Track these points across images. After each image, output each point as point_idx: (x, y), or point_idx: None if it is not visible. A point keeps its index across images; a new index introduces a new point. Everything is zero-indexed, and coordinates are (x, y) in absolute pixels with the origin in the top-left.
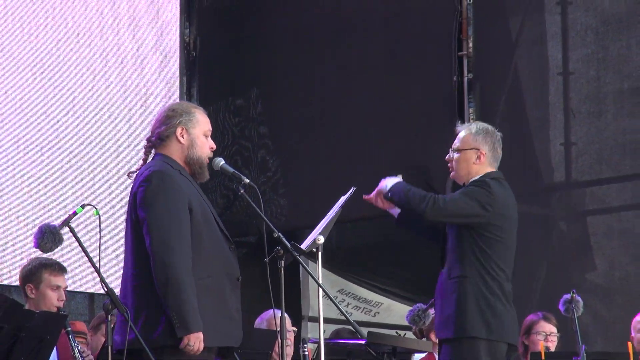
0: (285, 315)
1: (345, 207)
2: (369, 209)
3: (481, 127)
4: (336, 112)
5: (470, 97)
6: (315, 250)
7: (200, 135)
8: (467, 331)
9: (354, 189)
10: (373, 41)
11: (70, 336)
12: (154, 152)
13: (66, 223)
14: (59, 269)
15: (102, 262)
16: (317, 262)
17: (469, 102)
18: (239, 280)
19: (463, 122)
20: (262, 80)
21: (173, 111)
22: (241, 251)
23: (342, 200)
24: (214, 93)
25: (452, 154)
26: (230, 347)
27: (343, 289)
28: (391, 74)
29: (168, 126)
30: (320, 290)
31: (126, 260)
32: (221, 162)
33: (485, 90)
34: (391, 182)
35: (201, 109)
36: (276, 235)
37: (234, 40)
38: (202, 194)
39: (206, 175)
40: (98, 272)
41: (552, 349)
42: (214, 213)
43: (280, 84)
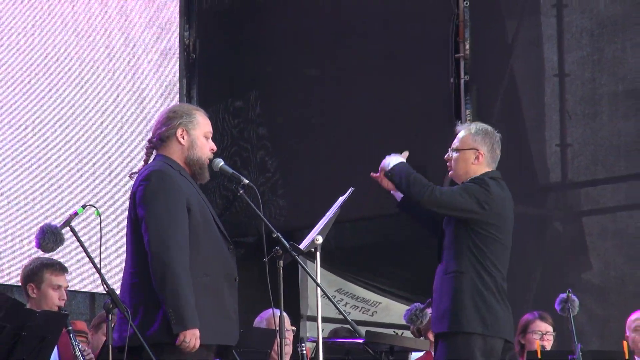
0: (285, 314)
1: (343, 208)
2: (367, 209)
3: (480, 127)
4: (335, 113)
5: (467, 98)
6: (313, 250)
7: (200, 136)
8: (462, 326)
9: (352, 189)
10: (371, 43)
11: (71, 335)
12: (155, 153)
13: (67, 223)
14: (60, 268)
15: (102, 262)
16: (316, 262)
17: (466, 104)
18: (237, 281)
19: (462, 123)
20: (261, 82)
21: (174, 112)
22: (240, 251)
23: (341, 200)
24: (213, 95)
25: (451, 153)
26: (228, 346)
27: (341, 289)
28: (389, 76)
29: (169, 127)
30: (319, 289)
31: (127, 259)
32: (220, 162)
33: (482, 91)
34: (394, 161)
35: (202, 110)
36: (275, 236)
37: (233, 42)
38: (201, 195)
39: (206, 176)
40: (99, 271)
41: (548, 348)
42: (213, 213)
43: (279, 85)
